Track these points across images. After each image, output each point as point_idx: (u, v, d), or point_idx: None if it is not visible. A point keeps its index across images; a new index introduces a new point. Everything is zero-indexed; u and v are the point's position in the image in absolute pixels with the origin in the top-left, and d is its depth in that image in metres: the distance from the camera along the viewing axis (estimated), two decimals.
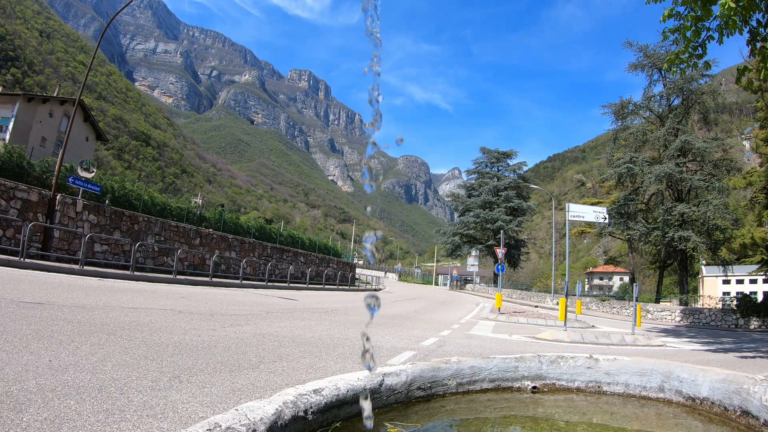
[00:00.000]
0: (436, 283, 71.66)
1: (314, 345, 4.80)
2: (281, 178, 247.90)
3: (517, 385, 1.92)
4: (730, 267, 26.76)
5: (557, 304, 18.78)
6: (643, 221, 26.39)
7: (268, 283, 17.93)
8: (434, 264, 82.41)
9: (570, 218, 14.76)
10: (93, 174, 13.86)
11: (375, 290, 30.14)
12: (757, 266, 29.85)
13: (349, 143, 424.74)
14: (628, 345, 8.66)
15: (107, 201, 15.41)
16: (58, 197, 12.65)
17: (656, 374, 1.86)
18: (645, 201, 27.76)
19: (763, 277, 36.06)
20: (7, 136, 28.29)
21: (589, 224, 33.15)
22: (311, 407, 1.29)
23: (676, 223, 24.49)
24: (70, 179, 13.27)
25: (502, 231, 23.23)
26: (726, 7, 5.34)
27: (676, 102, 26.92)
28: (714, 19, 5.89)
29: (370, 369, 1.18)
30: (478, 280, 61.10)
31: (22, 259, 10.13)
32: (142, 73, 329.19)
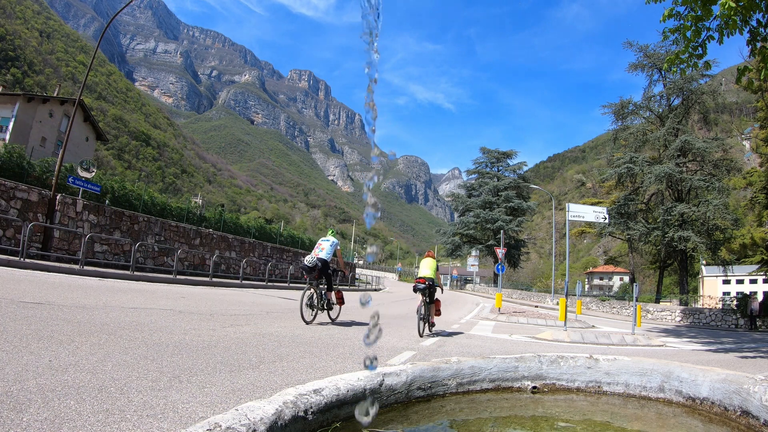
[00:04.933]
0: None
1: (314, 345, 4.80)
2: (281, 178, 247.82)
3: (517, 385, 1.92)
4: (730, 267, 26.77)
5: (557, 304, 18.77)
6: (643, 221, 26.38)
7: (268, 283, 17.93)
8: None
9: (570, 218, 14.75)
10: (93, 174, 13.86)
11: (375, 290, 30.18)
12: (757, 266, 29.84)
13: (349, 143, 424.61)
14: (628, 345, 8.66)
15: (107, 201, 15.41)
16: (58, 197, 12.65)
17: (656, 374, 1.86)
18: (645, 201, 27.75)
19: (763, 277, 36.05)
20: (7, 136, 28.27)
21: (589, 224, 33.13)
22: (311, 407, 1.29)
23: (676, 223, 24.49)
24: (70, 179, 13.27)
25: (502, 231, 23.23)
26: (726, 6, 5.34)
27: (676, 102, 26.92)
28: (714, 19, 5.89)
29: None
30: (478, 280, 61.11)
31: (22, 259, 10.13)
32: (142, 73, 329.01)
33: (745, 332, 18.55)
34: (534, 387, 1.91)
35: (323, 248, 7.11)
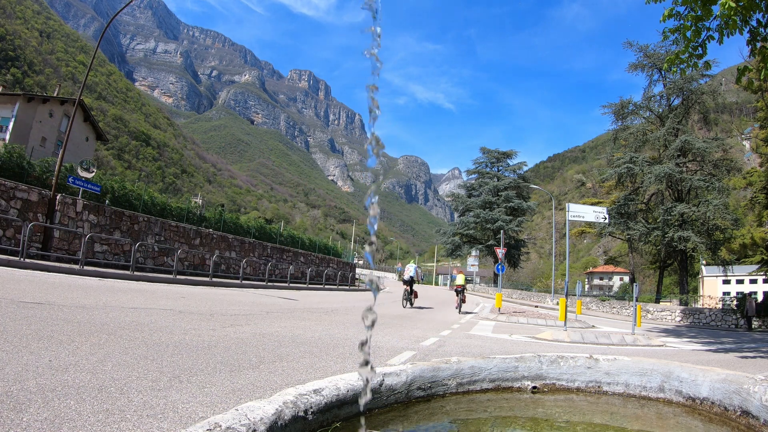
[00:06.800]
0: (436, 283, 71.68)
1: (314, 345, 4.80)
2: (281, 178, 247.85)
3: (517, 385, 1.92)
4: (730, 267, 26.77)
5: (557, 304, 18.78)
6: (643, 221, 26.39)
7: (268, 283, 17.93)
8: (434, 264, 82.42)
9: (570, 218, 14.75)
10: (93, 174, 13.86)
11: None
12: (757, 266, 29.85)
13: (349, 143, 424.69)
14: (628, 345, 8.66)
15: (107, 201, 15.41)
16: (58, 197, 12.65)
17: (656, 374, 1.86)
18: (645, 201, 27.75)
19: (763, 277, 36.06)
20: (7, 136, 28.28)
21: (589, 224, 33.14)
22: (311, 407, 1.29)
23: (676, 223, 24.48)
24: (70, 179, 13.27)
25: (502, 231, 23.23)
26: (726, 6, 5.34)
27: (676, 102, 26.92)
28: (714, 18, 5.89)
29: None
30: (478, 280, 61.10)
31: (22, 259, 10.13)
32: (142, 73, 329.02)
33: (745, 332, 18.56)
34: (534, 387, 1.91)
35: (411, 270, 14.35)
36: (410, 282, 14.09)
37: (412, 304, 14.15)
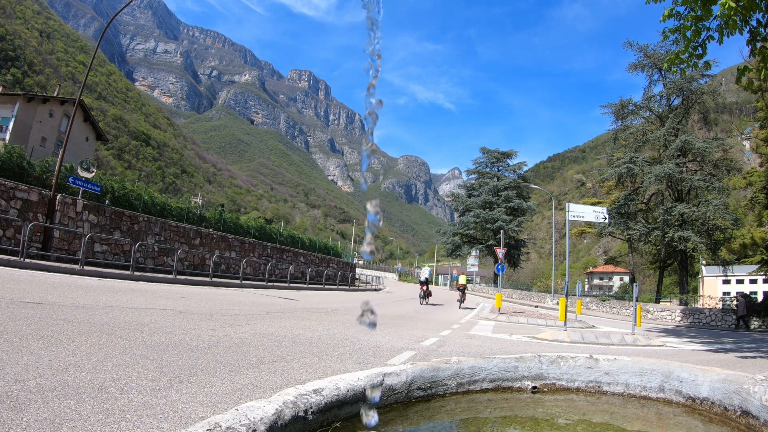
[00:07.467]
0: (437, 283, 71.63)
1: (314, 345, 4.80)
2: (281, 178, 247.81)
3: (517, 385, 1.92)
4: (730, 267, 26.75)
5: (557, 304, 18.77)
6: (643, 221, 26.38)
7: (268, 283, 17.93)
8: (434, 264, 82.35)
9: (570, 218, 14.75)
10: (93, 174, 13.86)
11: (375, 290, 30.17)
12: (757, 266, 29.84)
13: (349, 143, 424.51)
14: (628, 345, 8.66)
15: (107, 201, 15.41)
16: (58, 197, 12.65)
17: (656, 374, 1.86)
18: (645, 201, 27.75)
19: (763, 277, 36.04)
20: (7, 136, 28.28)
21: (589, 224, 33.14)
22: (311, 407, 1.29)
23: (676, 223, 24.47)
24: (70, 179, 13.27)
25: (502, 231, 23.22)
26: (726, 6, 5.33)
27: (676, 102, 26.91)
28: (714, 18, 5.88)
29: None
30: (478, 280, 61.07)
31: (22, 259, 10.12)
32: (142, 73, 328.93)
33: (745, 332, 18.57)
34: (534, 387, 1.91)
35: (426, 273, 17.32)
36: (426, 282, 16.98)
37: (427, 301, 16.91)
